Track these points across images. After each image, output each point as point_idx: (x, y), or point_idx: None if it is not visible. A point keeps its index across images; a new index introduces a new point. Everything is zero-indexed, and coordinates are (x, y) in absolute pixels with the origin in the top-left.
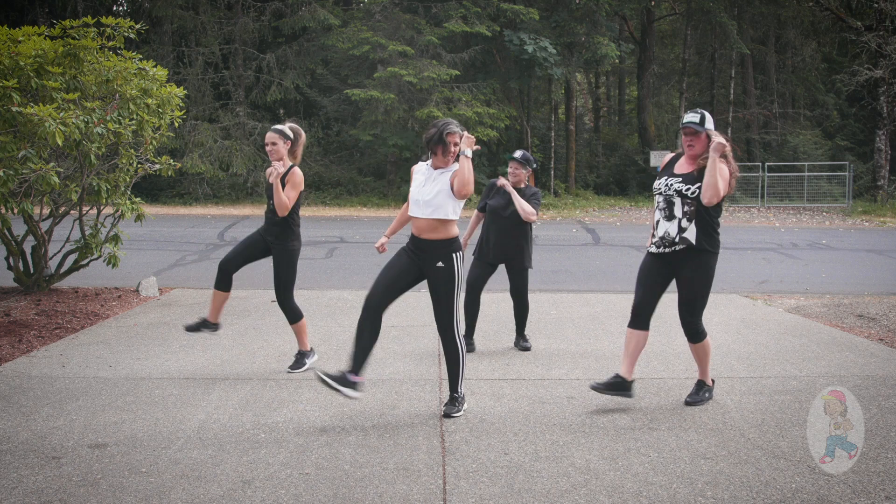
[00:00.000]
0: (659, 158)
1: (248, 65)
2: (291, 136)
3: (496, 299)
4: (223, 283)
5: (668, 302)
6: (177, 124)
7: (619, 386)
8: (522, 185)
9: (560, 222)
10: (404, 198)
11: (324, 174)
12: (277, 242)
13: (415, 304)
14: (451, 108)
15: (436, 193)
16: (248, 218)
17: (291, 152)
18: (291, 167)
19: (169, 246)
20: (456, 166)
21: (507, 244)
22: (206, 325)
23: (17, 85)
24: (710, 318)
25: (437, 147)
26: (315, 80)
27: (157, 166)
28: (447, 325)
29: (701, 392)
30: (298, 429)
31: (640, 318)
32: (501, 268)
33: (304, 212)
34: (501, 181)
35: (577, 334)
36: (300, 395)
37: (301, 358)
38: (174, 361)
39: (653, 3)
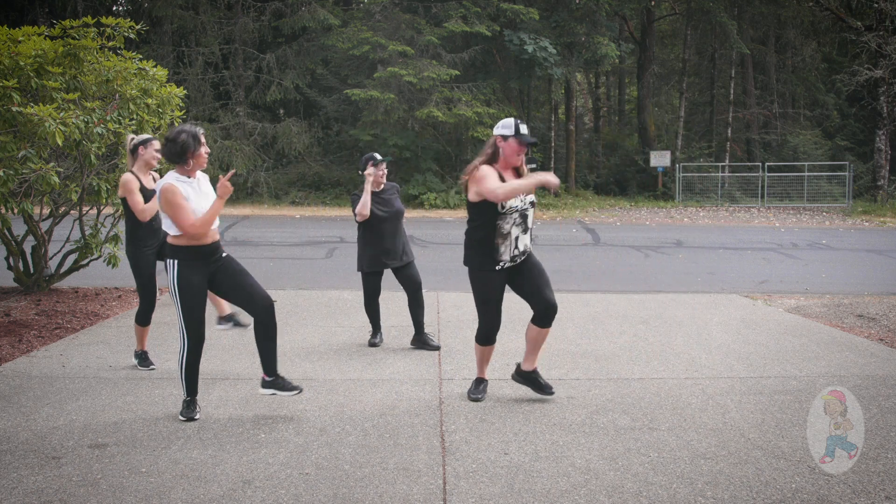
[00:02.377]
0: (659, 158)
1: (248, 65)
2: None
3: None
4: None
5: (668, 302)
6: (177, 124)
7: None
8: (383, 185)
9: (560, 222)
10: (405, 198)
11: (324, 174)
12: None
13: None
14: (451, 108)
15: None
16: (247, 218)
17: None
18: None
19: None
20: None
21: (396, 244)
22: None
23: (17, 85)
24: (710, 318)
25: (187, 154)
26: (315, 80)
27: (158, 166)
28: None
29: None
30: (298, 429)
31: (495, 335)
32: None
33: (304, 212)
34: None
35: (577, 334)
36: (300, 394)
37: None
38: (174, 361)
39: (653, 3)
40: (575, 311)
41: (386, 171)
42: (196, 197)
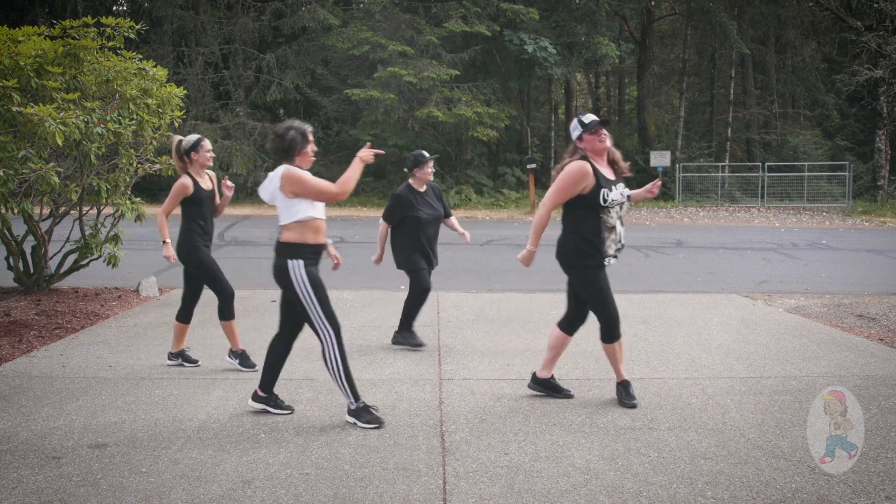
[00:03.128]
0: (659, 158)
1: (248, 65)
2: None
3: (497, 299)
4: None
5: (668, 302)
6: (177, 124)
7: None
8: (426, 186)
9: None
10: None
11: (324, 174)
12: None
13: None
14: (451, 108)
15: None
16: (248, 218)
17: None
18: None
19: None
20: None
21: (434, 247)
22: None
23: (17, 85)
24: (710, 318)
25: (297, 149)
26: (315, 80)
27: (157, 166)
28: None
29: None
30: (298, 429)
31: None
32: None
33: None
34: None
35: (577, 334)
36: (300, 395)
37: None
38: (174, 361)
39: (653, 3)
40: None
41: (433, 169)
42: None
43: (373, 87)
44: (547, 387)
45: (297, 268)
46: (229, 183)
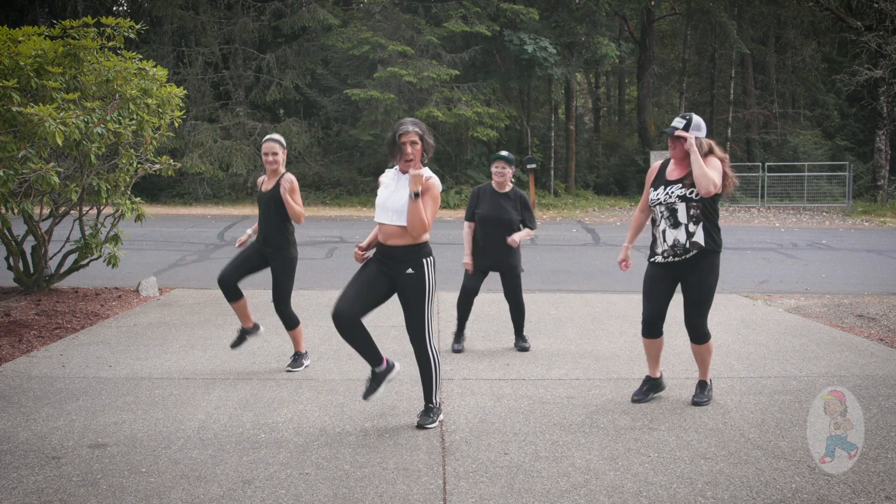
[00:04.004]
0: (659, 158)
1: (247, 65)
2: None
3: (496, 299)
4: (231, 294)
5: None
6: (177, 124)
7: (654, 386)
8: (508, 187)
9: (560, 222)
10: None
11: (324, 174)
12: (278, 253)
13: None
14: (451, 108)
15: (406, 201)
16: (247, 218)
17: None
18: (285, 175)
19: (169, 246)
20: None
21: (498, 251)
22: (246, 333)
23: (17, 85)
24: (710, 318)
25: (394, 150)
26: (315, 80)
27: (157, 166)
28: (418, 335)
29: (706, 392)
30: (298, 429)
31: (654, 328)
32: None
33: (304, 212)
34: (512, 240)
35: (577, 334)
36: (300, 395)
37: (299, 358)
38: (174, 361)
39: (653, 3)
40: (575, 311)
41: (500, 170)
42: (387, 191)
43: (373, 87)
44: (654, 386)
45: (432, 266)
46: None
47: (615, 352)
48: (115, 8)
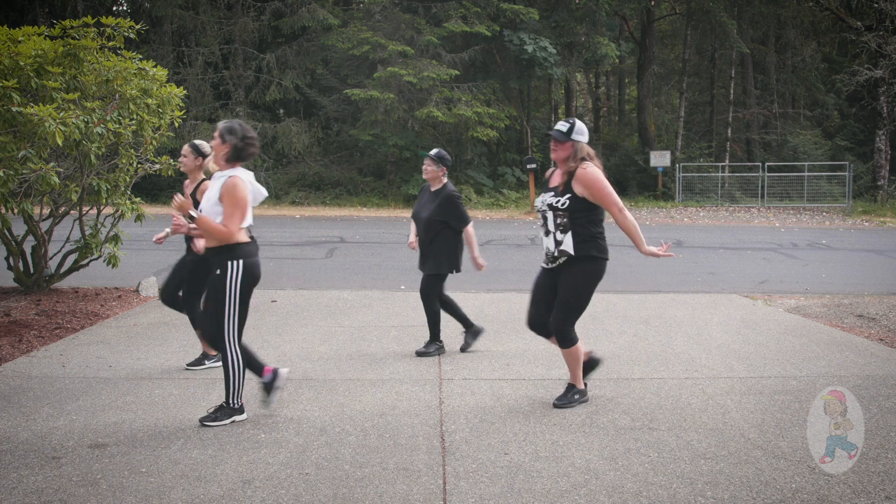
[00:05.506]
0: (659, 158)
1: (247, 65)
2: (208, 152)
3: (496, 299)
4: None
5: (668, 302)
6: (177, 124)
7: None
8: (439, 185)
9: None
10: (405, 198)
11: (324, 174)
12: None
13: (415, 305)
14: (451, 108)
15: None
16: None
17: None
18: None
19: (169, 246)
20: None
21: (421, 249)
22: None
23: (17, 85)
24: (710, 318)
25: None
26: (315, 80)
27: (157, 166)
28: (218, 333)
29: (569, 395)
30: (298, 429)
31: (541, 330)
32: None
33: (304, 212)
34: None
35: (577, 334)
36: (300, 395)
37: (202, 359)
38: (174, 361)
39: (653, 3)
40: None
41: (428, 167)
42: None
43: (373, 87)
44: (587, 366)
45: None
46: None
47: (615, 352)
48: (115, 8)
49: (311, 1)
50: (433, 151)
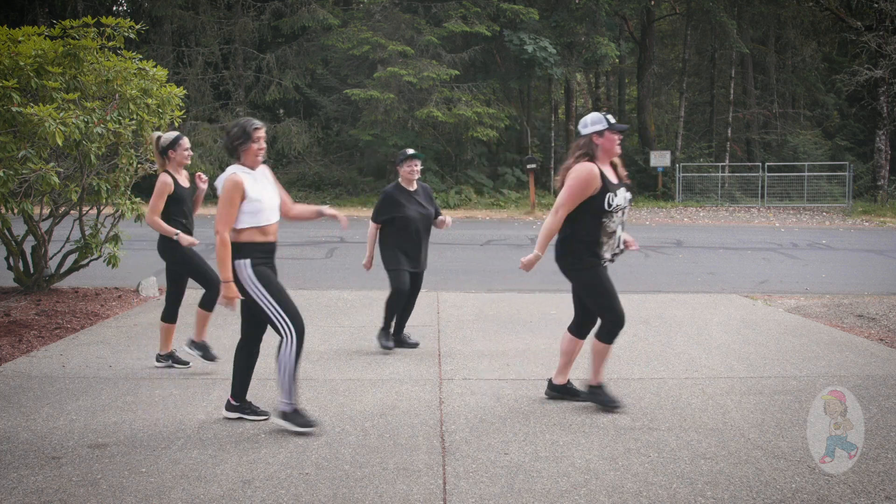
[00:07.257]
0: (659, 158)
1: (247, 65)
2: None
3: (496, 299)
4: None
5: (668, 302)
6: (177, 124)
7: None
8: (413, 185)
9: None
10: None
11: (324, 174)
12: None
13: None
14: (451, 108)
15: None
16: None
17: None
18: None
19: None
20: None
21: (422, 249)
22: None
23: (17, 85)
24: (710, 318)
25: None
26: (315, 80)
27: (157, 166)
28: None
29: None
30: None
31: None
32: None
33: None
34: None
35: None
36: (300, 395)
37: (163, 358)
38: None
39: (653, 3)
40: None
41: (416, 168)
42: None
43: (373, 87)
44: (564, 392)
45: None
46: (203, 176)
47: (615, 352)
48: (115, 8)
49: (311, 1)
50: (415, 151)
